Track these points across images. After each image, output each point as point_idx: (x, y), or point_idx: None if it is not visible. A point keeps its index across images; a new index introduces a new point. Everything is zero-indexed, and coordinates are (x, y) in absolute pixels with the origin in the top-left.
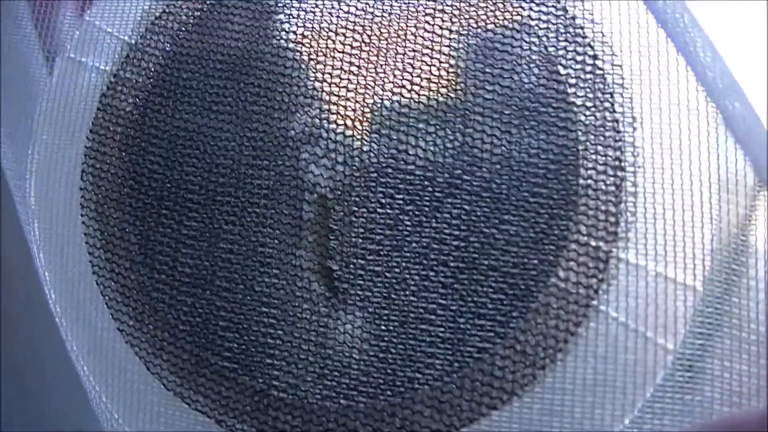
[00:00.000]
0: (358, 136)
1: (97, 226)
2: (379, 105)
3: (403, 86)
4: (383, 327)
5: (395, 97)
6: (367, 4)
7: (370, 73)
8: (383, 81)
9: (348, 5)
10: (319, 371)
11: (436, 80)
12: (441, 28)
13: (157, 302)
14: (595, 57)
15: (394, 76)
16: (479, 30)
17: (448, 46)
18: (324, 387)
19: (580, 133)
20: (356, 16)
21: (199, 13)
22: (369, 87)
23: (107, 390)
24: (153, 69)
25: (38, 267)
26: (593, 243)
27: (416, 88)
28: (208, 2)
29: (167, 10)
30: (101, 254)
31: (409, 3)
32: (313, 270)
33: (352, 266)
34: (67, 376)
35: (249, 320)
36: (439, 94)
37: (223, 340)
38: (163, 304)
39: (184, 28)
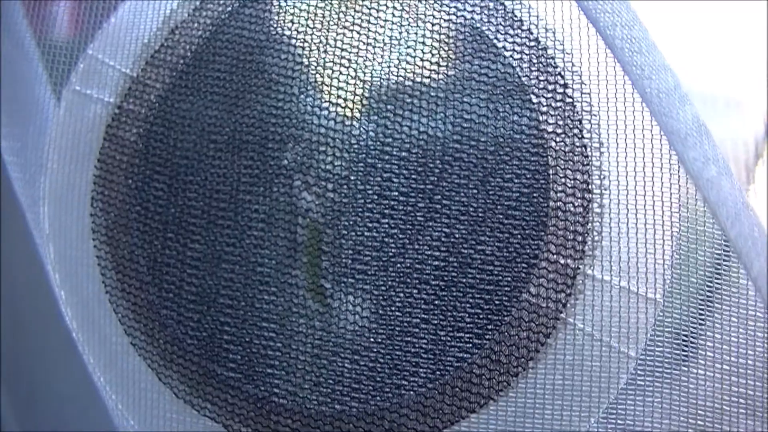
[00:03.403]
0: (346, 165)
1: (108, 249)
2: (365, 136)
3: (386, 123)
4: (372, 339)
5: (380, 129)
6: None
7: (356, 105)
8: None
9: (342, 42)
10: (315, 379)
11: (418, 118)
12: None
13: (166, 319)
14: (565, 86)
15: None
16: (457, 62)
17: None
18: (320, 393)
19: (550, 159)
20: (344, 49)
21: (195, 47)
22: (355, 119)
23: (123, 399)
24: (154, 101)
25: (53, 286)
26: (562, 261)
27: (398, 122)
28: (203, 37)
29: (165, 44)
30: (113, 275)
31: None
32: (308, 288)
33: (343, 285)
34: (68, 378)
35: (251, 334)
36: (420, 124)
37: (228, 352)
38: (172, 321)
39: (182, 61)
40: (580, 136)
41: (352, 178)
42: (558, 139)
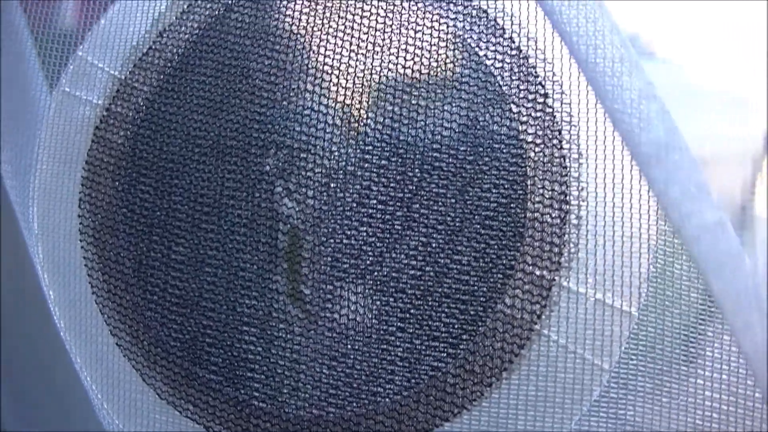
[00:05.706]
0: (326, 172)
1: (95, 251)
2: (345, 144)
3: (366, 130)
4: (349, 346)
5: (360, 137)
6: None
7: (338, 113)
8: (351, 123)
9: (326, 48)
10: (294, 384)
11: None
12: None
13: (150, 320)
14: (545, 95)
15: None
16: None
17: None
18: (298, 398)
19: (529, 169)
20: (330, 61)
21: (183, 51)
22: (336, 126)
23: (108, 398)
24: (141, 104)
25: (42, 285)
26: (538, 272)
27: (378, 128)
28: (190, 41)
29: (153, 47)
30: (99, 276)
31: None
32: (288, 294)
33: (322, 291)
34: (67, 377)
35: (232, 338)
36: (400, 132)
37: (210, 355)
38: (156, 322)
39: (169, 65)
40: (559, 146)
41: (332, 185)
42: (537, 149)
